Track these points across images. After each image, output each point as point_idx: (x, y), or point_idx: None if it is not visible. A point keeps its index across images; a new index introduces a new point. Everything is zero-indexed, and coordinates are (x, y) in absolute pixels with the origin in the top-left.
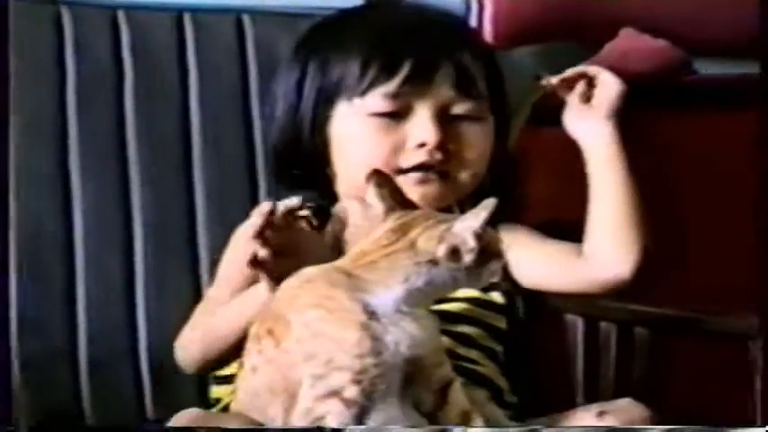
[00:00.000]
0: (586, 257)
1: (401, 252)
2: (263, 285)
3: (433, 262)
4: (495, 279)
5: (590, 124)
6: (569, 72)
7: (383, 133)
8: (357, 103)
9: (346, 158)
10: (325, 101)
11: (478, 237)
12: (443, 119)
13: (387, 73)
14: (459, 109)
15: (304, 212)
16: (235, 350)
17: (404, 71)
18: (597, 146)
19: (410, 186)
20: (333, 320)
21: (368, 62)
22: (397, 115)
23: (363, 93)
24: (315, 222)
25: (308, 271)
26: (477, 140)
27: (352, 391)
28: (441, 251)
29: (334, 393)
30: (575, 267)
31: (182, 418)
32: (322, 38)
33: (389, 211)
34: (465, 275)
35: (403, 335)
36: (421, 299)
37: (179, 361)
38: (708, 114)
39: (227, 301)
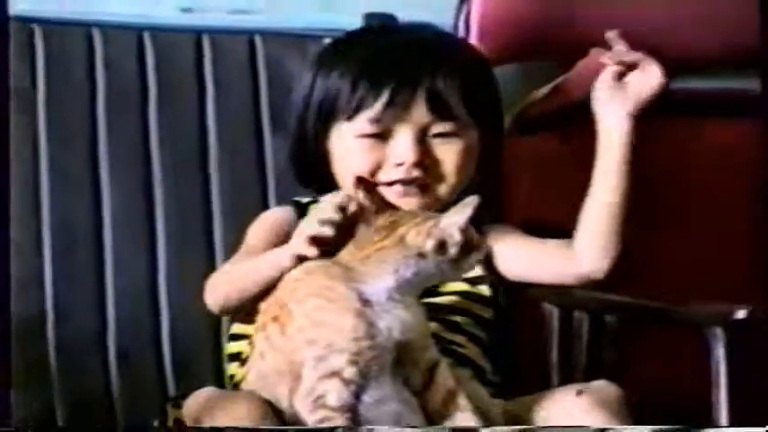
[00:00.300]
0: (572, 254)
1: (391, 247)
2: (285, 252)
3: (421, 255)
4: (473, 270)
5: (615, 113)
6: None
7: (367, 152)
8: (346, 126)
9: (341, 171)
10: (325, 118)
11: (463, 231)
12: (422, 139)
13: (369, 99)
14: (436, 129)
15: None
16: (253, 302)
17: (384, 98)
18: (613, 145)
19: (394, 199)
20: (331, 308)
21: (355, 87)
22: (381, 136)
23: (350, 117)
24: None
25: (309, 264)
26: (453, 156)
27: (350, 372)
28: (429, 245)
29: (334, 374)
30: (557, 263)
31: (198, 396)
32: (329, 56)
33: (379, 211)
34: (449, 267)
35: (395, 321)
36: (410, 288)
37: (207, 302)
38: (667, 124)
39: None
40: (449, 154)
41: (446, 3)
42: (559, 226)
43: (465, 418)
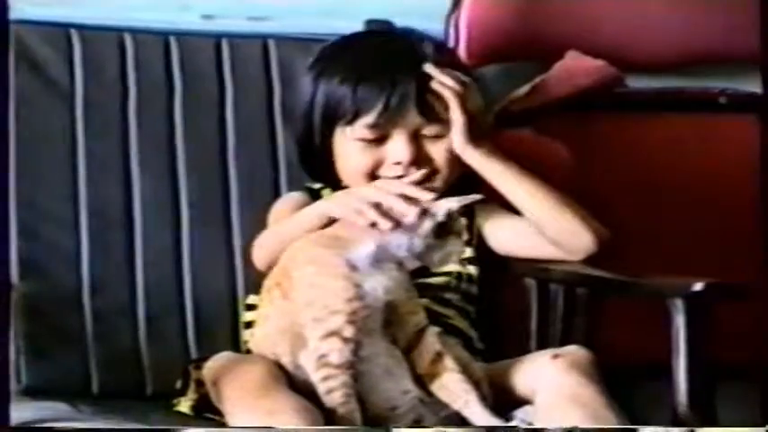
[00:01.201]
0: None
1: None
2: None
3: (405, 227)
4: (450, 262)
5: (463, 152)
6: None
7: (367, 153)
8: (347, 131)
9: (342, 170)
10: (330, 121)
11: (449, 216)
12: (415, 140)
13: (365, 108)
14: (426, 131)
15: None
16: None
17: (379, 106)
18: (486, 172)
19: None
20: (323, 273)
21: (352, 98)
22: (378, 140)
23: (350, 122)
24: None
25: (308, 236)
26: (443, 154)
27: (349, 331)
28: (412, 213)
29: (334, 333)
30: (542, 244)
31: (217, 359)
32: (329, 62)
33: None
34: (423, 245)
35: (378, 283)
36: (390, 257)
37: (254, 259)
38: (635, 119)
39: None
40: (439, 152)
41: (438, 10)
42: None
43: (452, 378)
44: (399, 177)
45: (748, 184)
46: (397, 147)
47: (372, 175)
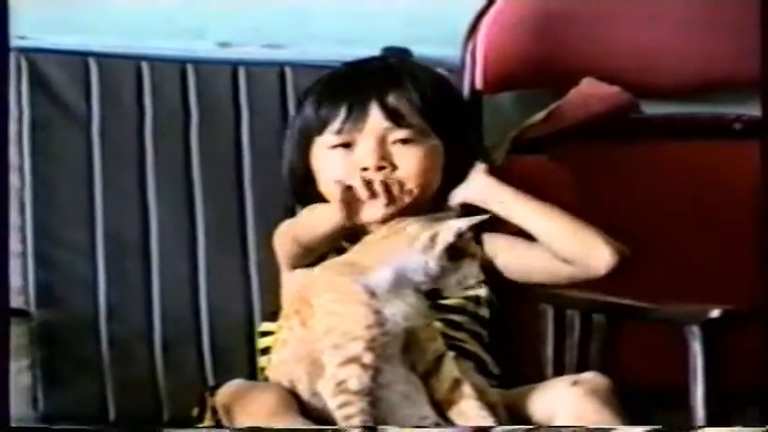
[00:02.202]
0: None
1: (394, 240)
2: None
3: (418, 250)
4: (465, 284)
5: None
6: None
7: (338, 161)
8: (318, 139)
9: (321, 183)
10: (306, 137)
11: (459, 236)
12: (383, 145)
13: (330, 116)
14: (394, 136)
15: None
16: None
17: (342, 113)
18: (488, 201)
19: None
20: (342, 300)
21: (318, 110)
22: (347, 146)
23: (320, 132)
24: None
25: (323, 263)
26: (413, 160)
27: (368, 357)
28: (423, 237)
29: (354, 359)
30: (559, 267)
31: (230, 386)
32: (308, 91)
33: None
34: (438, 268)
35: (397, 309)
36: (407, 282)
37: (279, 242)
38: (650, 145)
39: None
40: (408, 158)
41: (455, 37)
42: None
43: (470, 405)
44: (366, 184)
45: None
46: (363, 151)
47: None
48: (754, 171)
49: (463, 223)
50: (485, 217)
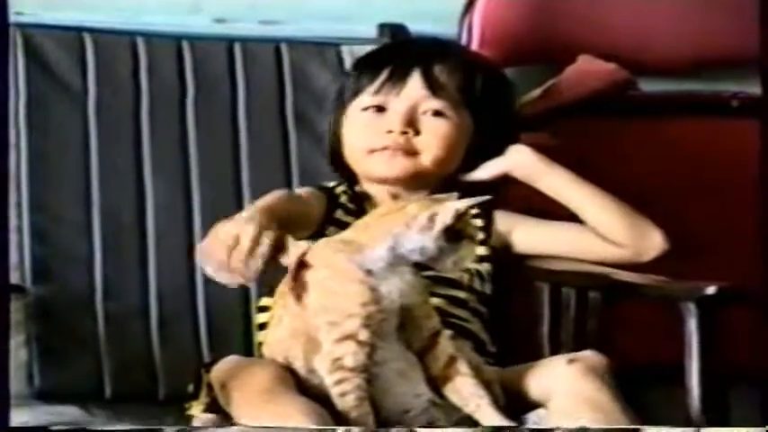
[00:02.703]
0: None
1: (392, 218)
2: None
3: (416, 229)
4: (462, 266)
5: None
6: None
7: (368, 122)
8: (354, 103)
9: (345, 145)
10: (339, 109)
11: (458, 217)
12: (413, 113)
13: (371, 77)
14: (426, 106)
15: None
16: None
17: (383, 75)
18: (536, 179)
19: (381, 162)
20: (338, 278)
21: (361, 72)
22: (380, 109)
23: (357, 94)
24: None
25: (320, 241)
26: (439, 132)
27: (364, 334)
28: (422, 216)
29: (350, 336)
30: (594, 247)
31: (225, 363)
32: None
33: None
34: (435, 248)
35: (393, 286)
36: (403, 260)
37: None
38: (647, 122)
39: None
40: (436, 129)
41: (451, 13)
42: (553, 213)
43: (465, 382)
44: (385, 148)
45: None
46: (392, 115)
47: (364, 150)
48: (751, 148)
49: (462, 204)
50: (485, 198)
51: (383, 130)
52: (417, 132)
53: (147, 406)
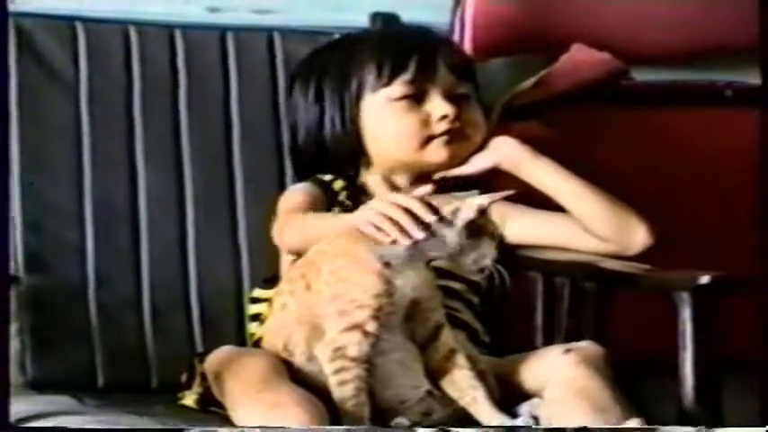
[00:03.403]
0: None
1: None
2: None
3: (438, 222)
4: (481, 264)
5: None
6: None
7: (408, 112)
8: (382, 94)
9: (381, 139)
10: (350, 101)
11: (480, 213)
12: (451, 98)
13: (401, 66)
14: (459, 90)
15: None
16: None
17: (414, 63)
18: (524, 171)
19: (440, 148)
20: (355, 268)
21: (382, 62)
22: (416, 97)
23: (385, 84)
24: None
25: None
26: (475, 113)
27: (372, 326)
28: (445, 211)
29: (357, 326)
30: (586, 241)
31: (218, 353)
32: (329, 60)
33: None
34: (456, 244)
35: (408, 281)
36: (420, 255)
37: (276, 239)
38: (640, 112)
39: None
40: (473, 111)
41: (444, 3)
42: (542, 202)
43: (462, 375)
44: (447, 132)
45: (754, 177)
46: (439, 102)
47: (418, 140)
48: (745, 137)
49: (485, 200)
50: (508, 193)
51: (435, 117)
52: (464, 116)
53: (140, 396)
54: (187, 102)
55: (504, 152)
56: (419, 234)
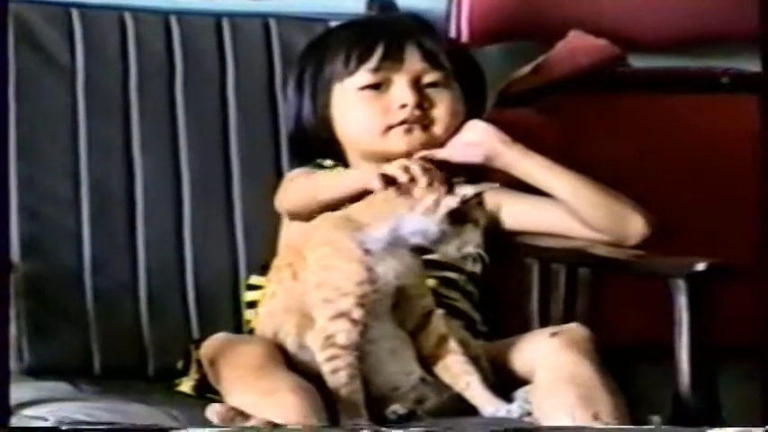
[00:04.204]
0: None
1: (397, 200)
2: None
3: (418, 211)
4: (465, 251)
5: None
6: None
7: (372, 101)
8: (347, 83)
9: (347, 127)
10: (322, 90)
11: (463, 202)
12: (417, 86)
13: (366, 55)
14: (428, 78)
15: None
16: (316, 211)
17: (379, 51)
18: (516, 168)
19: (399, 137)
20: (337, 256)
21: (350, 50)
22: (380, 86)
23: (351, 73)
24: None
25: (325, 214)
26: (445, 101)
27: (358, 313)
28: (428, 199)
29: (343, 314)
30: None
31: (214, 340)
32: (314, 50)
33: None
34: (438, 232)
35: (390, 268)
36: (403, 241)
37: (280, 198)
38: (637, 98)
39: None
40: (441, 99)
41: None
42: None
43: (455, 360)
44: (405, 121)
45: (750, 164)
46: (401, 90)
47: (380, 128)
48: (742, 124)
49: (470, 190)
50: (494, 185)
51: (395, 106)
52: (428, 105)
53: (136, 382)
54: (183, 88)
55: (494, 150)
56: (428, 201)
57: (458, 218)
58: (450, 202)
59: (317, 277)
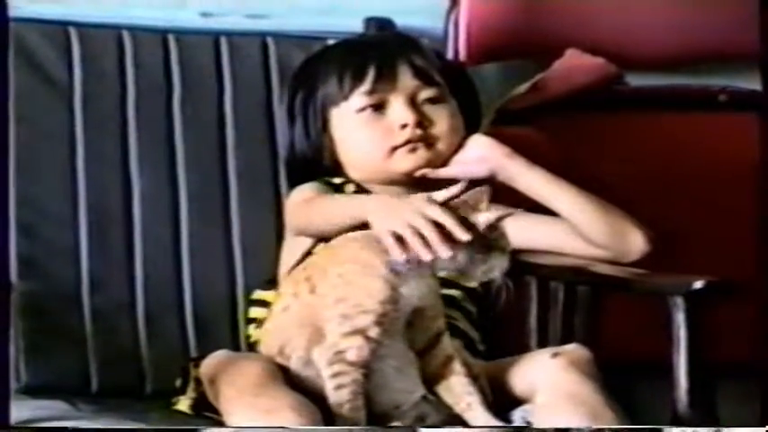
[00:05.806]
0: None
1: None
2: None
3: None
4: (490, 275)
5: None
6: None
7: (372, 123)
8: (344, 106)
9: (350, 150)
10: (316, 116)
11: (490, 227)
12: (414, 104)
13: (359, 78)
14: (423, 95)
15: None
16: (327, 233)
17: (371, 73)
18: (518, 182)
19: (404, 157)
20: (363, 273)
21: (342, 74)
22: (378, 107)
23: (346, 97)
24: None
25: (351, 234)
26: (443, 117)
27: (374, 331)
28: (444, 250)
29: (359, 331)
30: (580, 246)
31: (213, 357)
32: (305, 74)
33: None
34: (466, 259)
35: (413, 290)
36: (430, 267)
37: (288, 221)
38: (634, 117)
39: None
40: (440, 116)
41: (438, 8)
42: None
43: (458, 381)
44: (408, 143)
45: (748, 182)
46: (399, 110)
47: (384, 151)
48: (739, 142)
49: (492, 216)
50: (517, 211)
51: (396, 126)
52: (428, 122)
53: (134, 401)
54: (181, 106)
55: (498, 163)
56: (446, 253)
57: (483, 244)
58: (476, 229)
59: (339, 292)
